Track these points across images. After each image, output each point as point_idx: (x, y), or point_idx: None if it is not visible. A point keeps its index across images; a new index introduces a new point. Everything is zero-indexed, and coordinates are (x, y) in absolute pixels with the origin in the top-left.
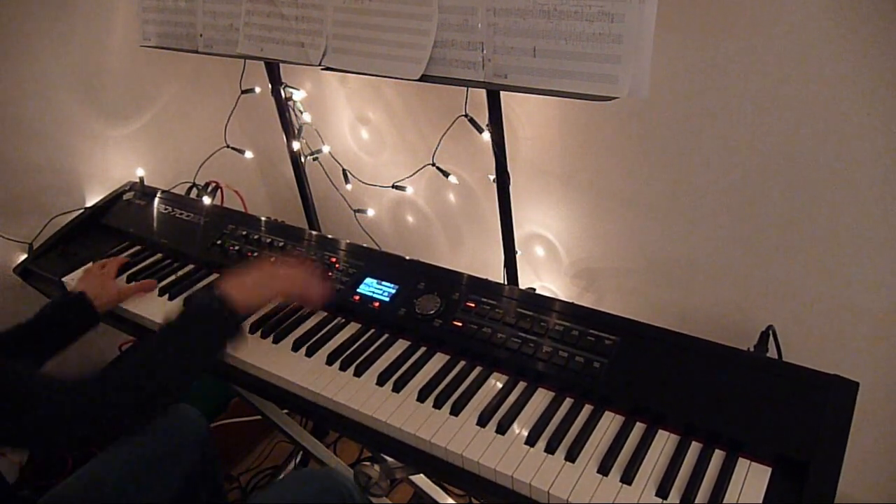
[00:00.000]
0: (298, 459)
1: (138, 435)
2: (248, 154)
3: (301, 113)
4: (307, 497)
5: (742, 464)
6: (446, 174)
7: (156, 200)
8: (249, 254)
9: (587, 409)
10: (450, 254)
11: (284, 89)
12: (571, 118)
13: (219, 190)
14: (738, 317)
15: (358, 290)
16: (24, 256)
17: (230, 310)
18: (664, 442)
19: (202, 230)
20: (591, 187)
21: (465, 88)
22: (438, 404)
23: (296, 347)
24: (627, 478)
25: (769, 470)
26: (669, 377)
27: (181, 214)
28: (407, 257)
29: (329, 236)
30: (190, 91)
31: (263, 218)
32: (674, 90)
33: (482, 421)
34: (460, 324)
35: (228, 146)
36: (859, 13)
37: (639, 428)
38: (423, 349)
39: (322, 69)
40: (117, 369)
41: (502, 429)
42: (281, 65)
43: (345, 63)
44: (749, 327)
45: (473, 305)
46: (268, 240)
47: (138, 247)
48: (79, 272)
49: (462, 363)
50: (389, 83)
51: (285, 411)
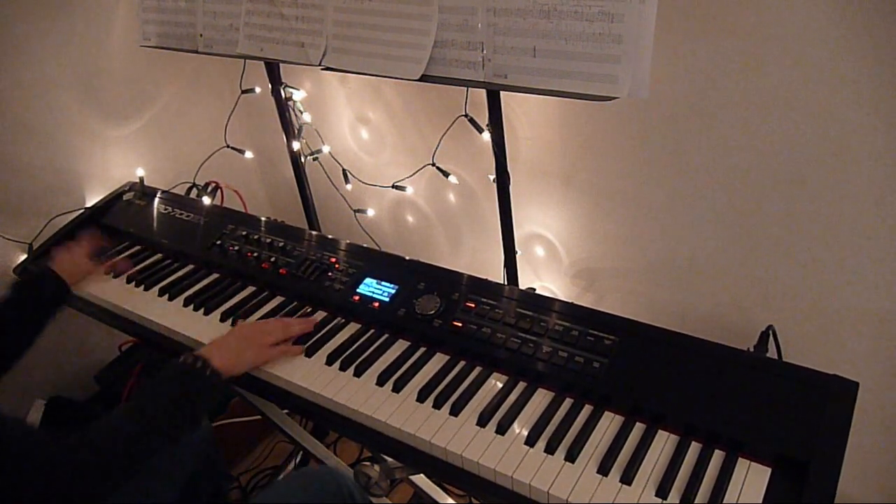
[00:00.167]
0: (298, 459)
1: None
2: (248, 154)
3: (301, 113)
4: (308, 496)
5: (742, 464)
6: (446, 174)
7: (156, 200)
8: (249, 254)
9: (587, 410)
10: (450, 254)
11: (284, 89)
12: (571, 118)
13: (219, 190)
14: (738, 317)
15: (358, 291)
16: (24, 256)
17: (213, 370)
18: (664, 442)
19: (202, 230)
20: (591, 187)
21: (465, 88)
22: (438, 404)
23: (297, 345)
24: (627, 478)
25: (769, 470)
26: (669, 377)
27: (181, 214)
28: (407, 257)
29: (329, 236)
30: (190, 91)
31: (263, 218)
32: (674, 90)
33: (482, 421)
34: (460, 324)
35: (228, 146)
36: (859, 13)
37: (638, 428)
38: (423, 349)
39: (322, 69)
40: (99, 431)
41: (502, 429)
42: (281, 65)
43: (345, 63)
44: (749, 327)
45: (473, 305)
46: (268, 240)
47: (138, 247)
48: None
49: (462, 363)
50: (389, 83)
51: (285, 411)
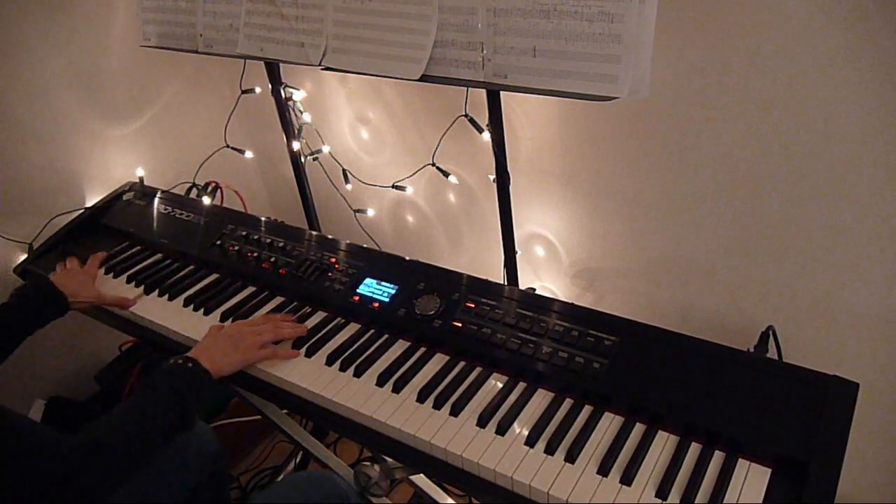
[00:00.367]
0: (298, 459)
1: None
2: (248, 154)
3: (301, 113)
4: (304, 500)
5: (742, 464)
6: (446, 174)
7: (156, 200)
8: (249, 254)
9: (587, 410)
10: (450, 254)
11: (284, 89)
12: (571, 118)
13: (219, 190)
14: (738, 317)
15: (357, 291)
16: (24, 256)
17: (203, 370)
18: (664, 442)
19: (202, 230)
20: (591, 187)
21: (465, 88)
22: (438, 405)
23: (295, 348)
24: (627, 478)
25: (769, 470)
26: (669, 378)
27: (181, 214)
28: (407, 257)
29: (329, 236)
30: (190, 91)
31: (263, 218)
32: (674, 90)
33: (482, 422)
34: (460, 324)
35: (228, 146)
36: (859, 13)
37: (638, 428)
38: (423, 350)
39: (322, 69)
40: (93, 433)
41: (502, 429)
42: (281, 65)
43: (345, 63)
44: (749, 327)
45: (473, 306)
46: (268, 240)
47: (138, 247)
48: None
49: (462, 364)
50: (389, 83)
51: (285, 411)
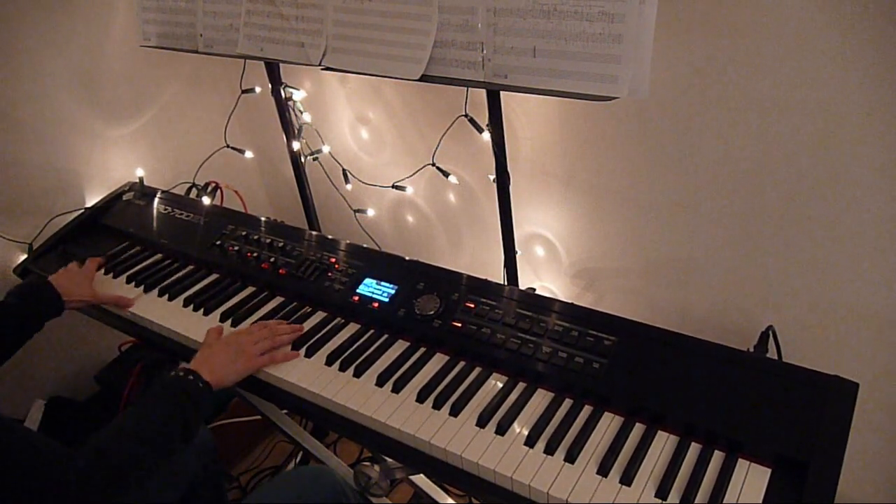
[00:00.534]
0: (298, 459)
1: None
2: (248, 154)
3: (301, 113)
4: (302, 494)
5: (742, 464)
6: (446, 174)
7: (155, 200)
8: (249, 254)
9: (587, 410)
10: (450, 254)
11: (284, 89)
12: (571, 118)
13: (218, 190)
14: (738, 317)
15: (357, 291)
16: (24, 256)
17: (204, 383)
18: (664, 442)
19: (202, 230)
20: (591, 187)
21: (465, 88)
22: (438, 405)
23: (295, 348)
24: (627, 478)
25: (769, 470)
26: (669, 378)
27: (181, 214)
28: (406, 257)
29: (329, 236)
30: (190, 91)
31: (263, 218)
32: (674, 90)
33: (482, 422)
34: (460, 324)
35: (228, 146)
36: (859, 14)
37: (638, 428)
38: (423, 350)
39: (322, 69)
40: (93, 449)
41: (502, 429)
42: (281, 65)
43: (345, 63)
44: (749, 327)
45: (473, 306)
46: (268, 240)
47: (138, 247)
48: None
49: (461, 364)
50: (389, 83)
51: (285, 411)
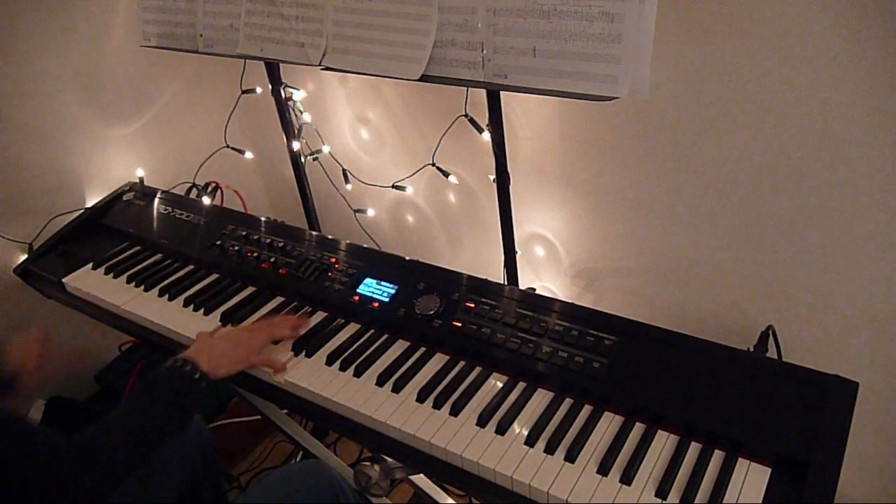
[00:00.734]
0: (298, 459)
1: None
2: (248, 154)
3: (301, 113)
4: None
5: (742, 464)
6: (446, 174)
7: (156, 201)
8: (249, 254)
9: (587, 410)
10: (450, 254)
11: (284, 89)
12: (571, 118)
13: (219, 190)
14: (738, 317)
15: (357, 291)
16: (24, 257)
17: (202, 373)
18: (664, 442)
19: (202, 230)
20: (591, 187)
21: (465, 88)
22: (438, 405)
23: (295, 348)
24: (627, 478)
25: (769, 470)
26: (669, 377)
27: (181, 215)
28: (407, 257)
29: (329, 236)
30: (190, 91)
31: (263, 218)
32: (674, 90)
33: (482, 421)
34: (460, 324)
35: (228, 146)
36: (860, 14)
37: (638, 428)
38: (423, 349)
39: (322, 69)
40: (94, 433)
41: (502, 429)
42: (281, 65)
43: (345, 63)
44: (749, 327)
45: (473, 306)
46: (268, 240)
47: (138, 247)
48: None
49: (462, 363)
50: (389, 83)
51: (285, 411)
